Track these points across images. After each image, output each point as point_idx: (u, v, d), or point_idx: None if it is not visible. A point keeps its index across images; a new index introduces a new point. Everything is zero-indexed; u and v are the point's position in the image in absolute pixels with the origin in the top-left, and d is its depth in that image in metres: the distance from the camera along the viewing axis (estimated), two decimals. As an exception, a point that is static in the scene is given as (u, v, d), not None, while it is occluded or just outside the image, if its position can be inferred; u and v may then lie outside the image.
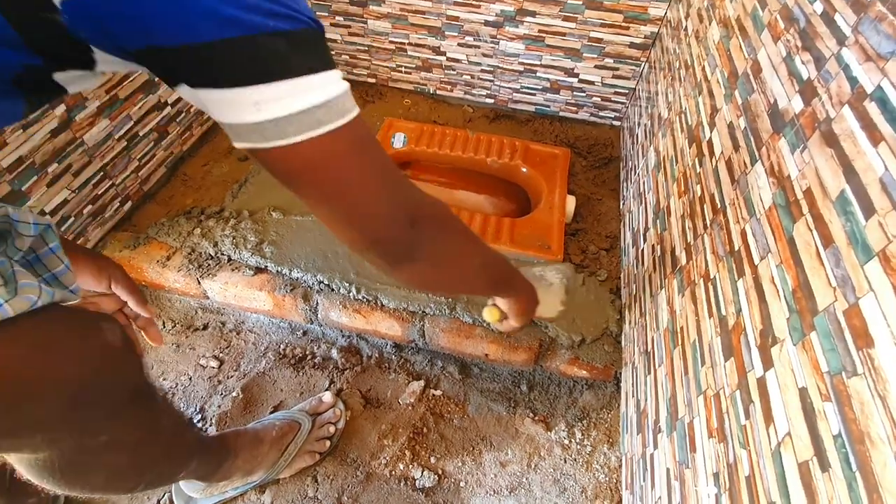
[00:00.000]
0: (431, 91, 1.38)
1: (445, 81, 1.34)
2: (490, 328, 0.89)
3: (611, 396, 0.92)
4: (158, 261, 0.96)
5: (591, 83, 1.24)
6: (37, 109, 0.46)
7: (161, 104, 1.05)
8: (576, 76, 1.24)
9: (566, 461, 0.85)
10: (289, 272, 0.95)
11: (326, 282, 0.93)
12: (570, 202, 1.07)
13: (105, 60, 0.33)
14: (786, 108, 0.50)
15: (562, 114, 1.34)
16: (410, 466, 0.83)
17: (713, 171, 0.64)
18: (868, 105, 0.38)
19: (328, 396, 0.88)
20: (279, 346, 0.98)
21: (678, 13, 0.97)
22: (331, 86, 0.34)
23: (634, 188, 1.02)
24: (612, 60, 1.18)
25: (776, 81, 0.53)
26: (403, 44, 1.28)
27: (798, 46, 0.50)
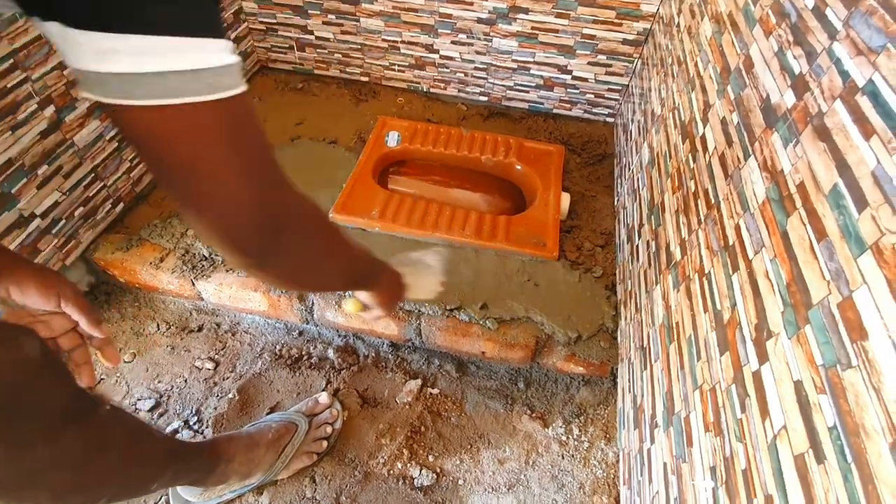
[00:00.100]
0: (425, 89, 1.38)
1: (439, 79, 1.34)
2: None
3: (607, 392, 0.92)
4: (152, 262, 0.95)
5: (585, 80, 1.24)
6: None
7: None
8: (569, 73, 1.24)
9: (564, 457, 0.85)
10: (284, 272, 0.94)
11: (322, 282, 0.93)
12: (565, 199, 1.07)
13: None
14: (778, 103, 0.50)
15: (555, 111, 1.34)
16: (408, 465, 0.83)
17: (707, 167, 0.64)
18: (860, 99, 0.38)
19: (324, 397, 0.87)
20: (275, 347, 0.98)
21: (670, 9, 0.97)
22: (209, 55, 0.31)
23: (629, 184, 1.02)
24: (605, 57, 1.18)
25: (768, 76, 0.53)
26: (396, 42, 1.28)
27: (790, 41, 0.50)
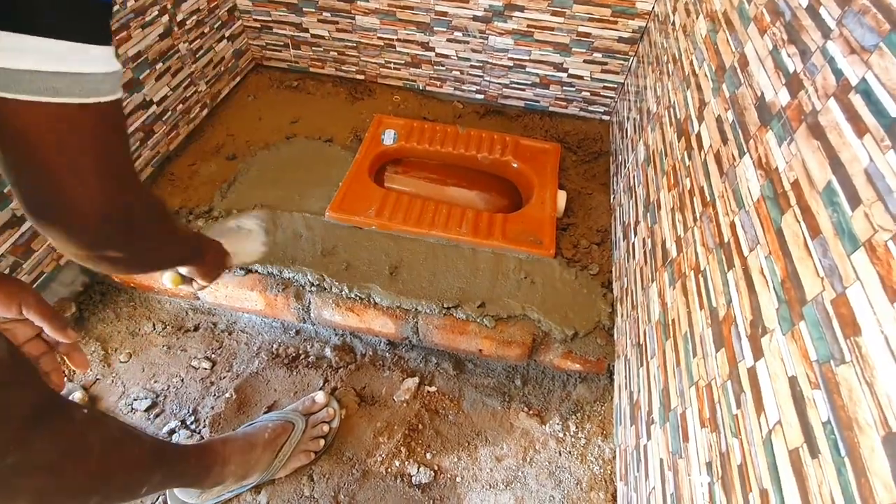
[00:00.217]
0: (421, 87, 1.38)
1: (435, 77, 1.34)
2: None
3: (604, 389, 0.93)
4: (147, 262, 0.94)
5: (581, 78, 1.25)
6: None
7: (146, 103, 1.03)
8: (565, 71, 1.24)
9: (561, 454, 0.86)
10: (280, 271, 0.94)
11: (318, 280, 0.93)
12: (561, 197, 1.07)
13: None
14: (772, 101, 0.50)
15: (551, 109, 1.34)
16: (406, 463, 0.83)
17: (702, 165, 0.65)
18: (853, 97, 0.39)
19: (321, 396, 0.87)
20: (272, 346, 0.98)
21: (665, 7, 0.97)
22: (91, 61, 0.33)
23: (624, 182, 1.03)
24: (601, 55, 1.18)
25: (763, 74, 0.54)
26: (392, 40, 1.28)
27: (784, 40, 0.51)
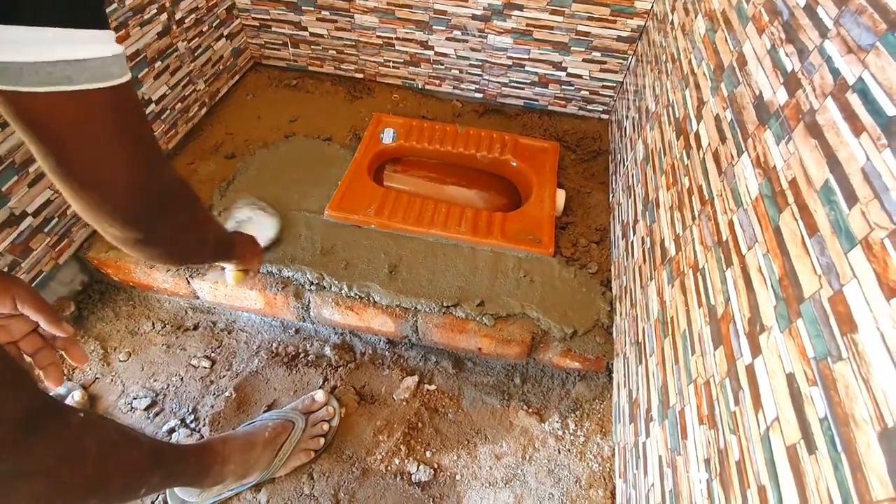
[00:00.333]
0: (420, 86, 1.38)
1: (434, 76, 1.34)
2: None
3: (603, 387, 0.93)
4: (146, 261, 0.94)
5: (579, 77, 1.25)
6: None
7: (144, 101, 1.03)
8: (564, 70, 1.24)
9: (560, 452, 0.86)
10: (279, 270, 0.94)
11: (318, 279, 0.93)
12: (560, 196, 1.07)
13: None
14: (771, 100, 0.51)
15: (550, 108, 1.34)
16: (406, 461, 0.83)
17: (701, 163, 0.65)
18: (850, 96, 0.39)
19: (320, 395, 0.88)
20: (271, 345, 0.98)
21: (664, 6, 0.97)
22: (93, 45, 0.33)
23: (623, 181, 1.03)
24: (600, 54, 1.19)
25: (761, 74, 0.54)
26: (391, 38, 1.27)
27: (782, 39, 0.51)
